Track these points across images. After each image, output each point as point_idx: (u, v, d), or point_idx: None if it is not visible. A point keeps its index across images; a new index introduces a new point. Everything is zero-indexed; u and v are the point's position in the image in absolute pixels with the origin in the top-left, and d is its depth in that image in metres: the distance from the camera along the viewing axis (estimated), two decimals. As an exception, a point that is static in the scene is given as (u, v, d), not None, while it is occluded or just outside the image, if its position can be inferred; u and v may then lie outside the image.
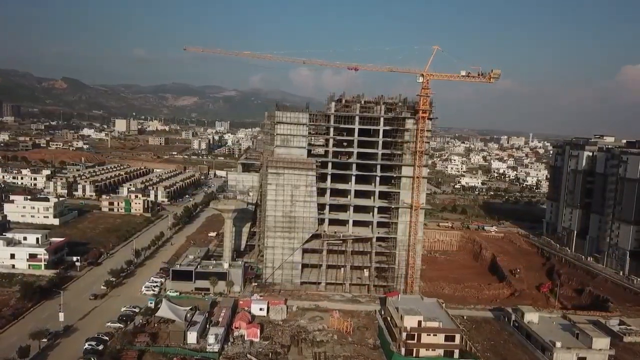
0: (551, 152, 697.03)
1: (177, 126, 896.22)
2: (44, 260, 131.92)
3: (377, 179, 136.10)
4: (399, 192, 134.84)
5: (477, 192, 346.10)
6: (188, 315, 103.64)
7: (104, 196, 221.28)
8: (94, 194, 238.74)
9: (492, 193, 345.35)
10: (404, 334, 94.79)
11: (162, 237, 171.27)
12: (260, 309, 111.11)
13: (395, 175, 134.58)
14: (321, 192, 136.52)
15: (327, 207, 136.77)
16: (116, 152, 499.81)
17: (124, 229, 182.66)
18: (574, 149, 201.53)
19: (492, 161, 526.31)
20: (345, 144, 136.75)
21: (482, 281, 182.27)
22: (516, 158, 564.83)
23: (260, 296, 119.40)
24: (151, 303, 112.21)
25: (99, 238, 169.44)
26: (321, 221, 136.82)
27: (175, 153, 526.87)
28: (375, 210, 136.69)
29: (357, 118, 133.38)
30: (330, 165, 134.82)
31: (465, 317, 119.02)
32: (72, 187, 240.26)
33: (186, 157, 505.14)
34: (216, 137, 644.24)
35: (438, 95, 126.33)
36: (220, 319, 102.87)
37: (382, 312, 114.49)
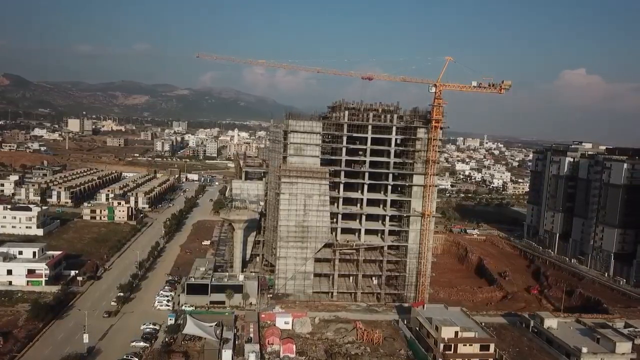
0: (506, 153, 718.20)
1: (132, 126, 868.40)
2: (45, 275, 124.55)
3: (389, 187, 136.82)
4: (410, 201, 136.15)
5: (448, 195, 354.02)
6: (217, 332, 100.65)
7: (85, 204, 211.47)
8: (69, 201, 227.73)
9: (463, 195, 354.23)
10: (442, 345, 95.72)
11: (158, 247, 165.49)
12: (286, 323, 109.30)
13: (407, 184, 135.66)
14: (332, 200, 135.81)
15: (339, 216, 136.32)
16: (75, 154, 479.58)
17: (113, 238, 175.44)
18: (555, 155, 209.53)
19: (455, 163, 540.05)
20: (360, 152, 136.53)
21: (470, 284, 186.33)
22: (477, 160, 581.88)
23: (281, 309, 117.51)
24: (171, 319, 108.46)
25: (89, 249, 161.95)
26: (332, 230, 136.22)
27: (138, 155, 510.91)
28: (387, 218, 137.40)
29: (370, 127, 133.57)
30: (342, 174, 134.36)
31: (483, 324, 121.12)
32: (46, 194, 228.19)
33: (150, 159, 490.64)
34: (178, 139, 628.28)
35: (389, 96, 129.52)
36: (251, 335, 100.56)
37: (405, 322, 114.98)
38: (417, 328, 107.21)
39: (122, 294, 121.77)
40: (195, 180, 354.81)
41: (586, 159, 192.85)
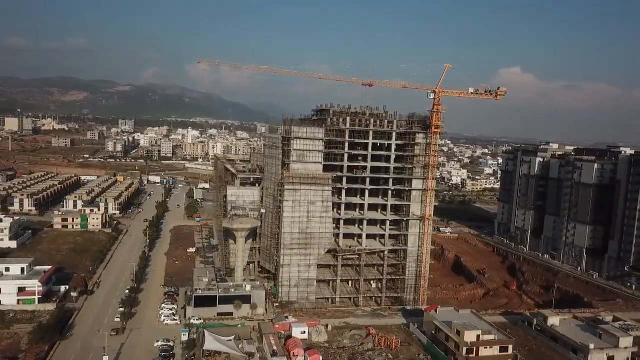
0: (455, 150, 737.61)
1: (75, 125, 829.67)
2: (38, 293, 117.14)
3: (390, 192, 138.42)
4: (409, 205, 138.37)
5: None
6: (240, 346, 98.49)
7: (55, 212, 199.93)
8: (33, 208, 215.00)
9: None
10: (465, 349, 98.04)
11: (146, 256, 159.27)
12: (302, 332, 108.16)
13: (407, 189, 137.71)
14: (333, 206, 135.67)
15: (342, 222, 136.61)
16: (20, 155, 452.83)
17: (92, 248, 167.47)
18: (525, 155, 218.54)
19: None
20: (360, 158, 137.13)
21: (450, 282, 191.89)
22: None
23: (294, 318, 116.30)
24: (184, 334, 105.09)
25: (70, 261, 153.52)
26: (335, 236, 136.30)
27: (88, 156, 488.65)
28: (388, 223, 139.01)
29: (370, 133, 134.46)
30: (345, 179, 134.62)
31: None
32: (7, 202, 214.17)
33: (102, 160, 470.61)
34: (130, 138, 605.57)
35: (334, 94, 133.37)
36: (275, 348, 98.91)
37: (416, 325, 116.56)
38: (433, 332, 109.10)
39: (122, 309, 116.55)
40: (158, 183, 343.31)
41: (557, 159, 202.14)
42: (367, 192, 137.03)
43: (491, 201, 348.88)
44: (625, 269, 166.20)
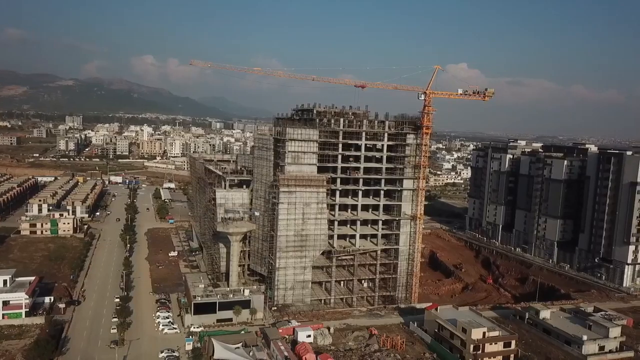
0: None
1: (18, 122, 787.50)
2: (25, 306, 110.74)
3: (381, 192, 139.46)
4: (400, 204, 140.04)
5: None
6: (250, 353, 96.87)
7: (22, 217, 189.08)
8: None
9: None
10: (472, 346, 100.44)
11: (128, 263, 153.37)
12: (308, 336, 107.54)
13: (399, 189, 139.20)
14: (327, 208, 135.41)
15: (336, 223, 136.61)
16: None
17: (68, 255, 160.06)
18: (495, 152, 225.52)
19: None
20: (351, 159, 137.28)
21: (428, 277, 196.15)
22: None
23: (297, 322, 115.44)
24: (188, 343, 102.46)
25: (47, 270, 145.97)
26: (329, 237, 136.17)
27: (38, 155, 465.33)
28: (380, 223, 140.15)
29: (364, 134, 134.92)
30: (339, 181, 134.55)
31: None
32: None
33: (54, 159, 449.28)
34: (82, 136, 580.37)
35: (288, 90, 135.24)
36: (286, 354, 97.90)
37: (416, 324, 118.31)
38: (436, 330, 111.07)
39: (116, 319, 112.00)
40: (120, 183, 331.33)
41: (527, 156, 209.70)
42: (360, 193, 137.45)
43: (455, 196, 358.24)
44: (595, 260, 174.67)
